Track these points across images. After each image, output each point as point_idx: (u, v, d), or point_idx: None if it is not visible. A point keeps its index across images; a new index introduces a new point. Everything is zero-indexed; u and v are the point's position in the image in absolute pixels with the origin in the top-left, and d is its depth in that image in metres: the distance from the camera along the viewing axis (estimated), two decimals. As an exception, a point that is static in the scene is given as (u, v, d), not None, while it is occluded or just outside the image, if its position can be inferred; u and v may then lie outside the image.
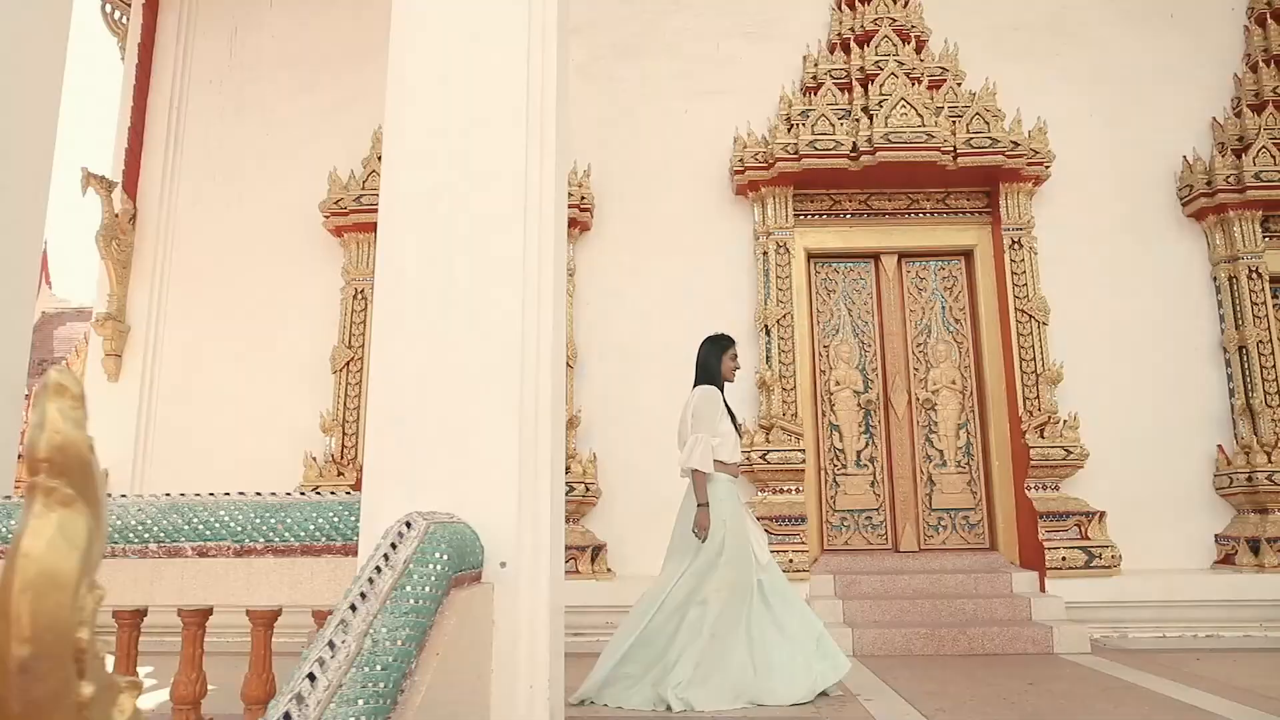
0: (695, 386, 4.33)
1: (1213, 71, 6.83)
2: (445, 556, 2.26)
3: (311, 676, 1.67)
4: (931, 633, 5.18)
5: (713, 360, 4.33)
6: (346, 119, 6.84)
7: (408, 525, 2.26)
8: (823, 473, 6.40)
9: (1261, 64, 6.60)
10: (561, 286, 3.13)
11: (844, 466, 6.43)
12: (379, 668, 1.81)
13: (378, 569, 2.06)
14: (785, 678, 3.83)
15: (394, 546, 2.16)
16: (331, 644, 1.78)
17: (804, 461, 6.04)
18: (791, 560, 5.64)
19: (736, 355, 4.47)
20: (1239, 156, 6.34)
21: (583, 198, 6.46)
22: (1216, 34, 6.90)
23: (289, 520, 2.96)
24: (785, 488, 6.02)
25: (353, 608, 1.90)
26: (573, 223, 6.50)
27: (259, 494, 3.05)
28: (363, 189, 6.45)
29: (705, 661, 3.83)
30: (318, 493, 3.09)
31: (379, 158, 5.76)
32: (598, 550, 5.94)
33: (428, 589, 2.12)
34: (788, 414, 6.13)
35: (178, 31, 7.00)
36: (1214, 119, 6.67)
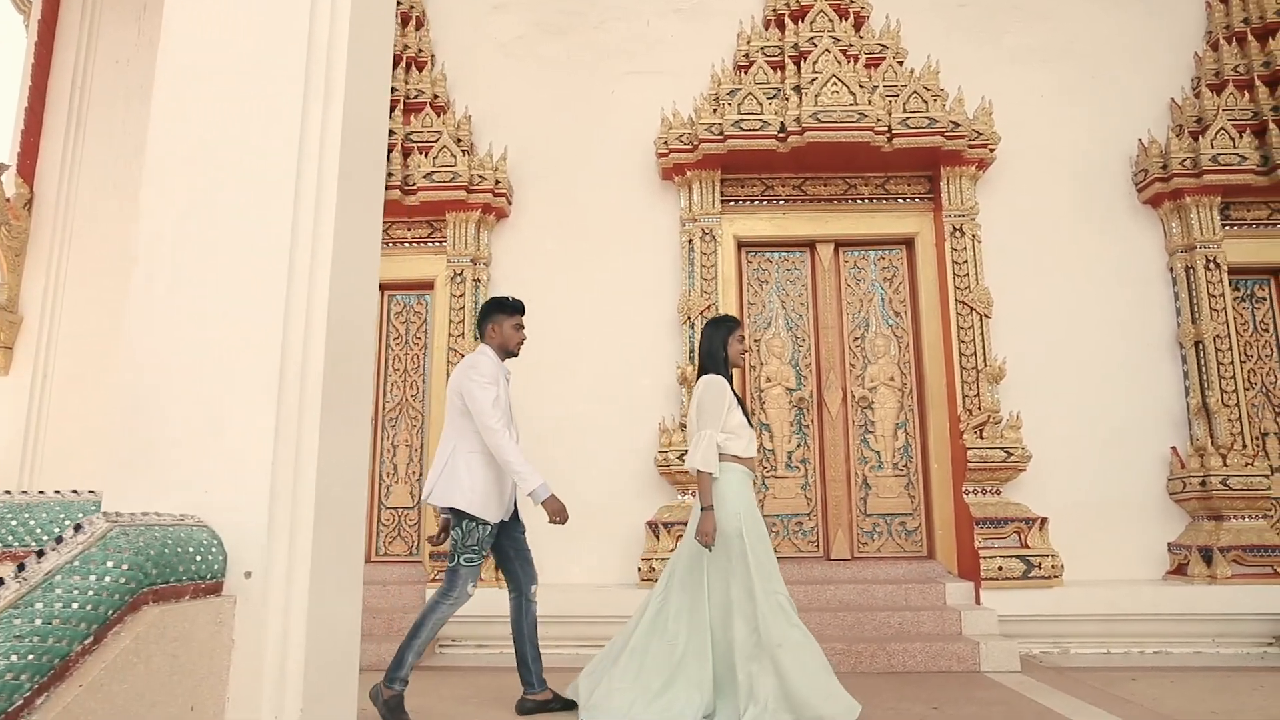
0: (700, 376, 3.84)
1: (1173, 50, 6.41)
2: (124, 566, 1.89)
3: None
4: (848, 649, 4.78)
5: (717, 345, 3.82)
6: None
7: (76, 529, 1.89)
8: (751, 475, 6.00)
9: (1223, 41, 6.17)
10: (367, 268, 2.76)
11: (774, 468, 6.04)
12: (-63, 708, 1.45)
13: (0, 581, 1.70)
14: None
15: (40, 555, 1.80)
16: None
17: (725, 462, 5.64)
18: (707, 568, 5.24)
19: (744, 337, 4.04)
20: (1196, 139, 5.92)
21: (498, 182, 6.09)
22: (1178, 10, 6.48)
23: (32, 522, 2.62)
24: (706, 490, 5.62)
25: (-70, 632, 1.55)
26: (487, 209, 6.15)
27: (8, 492, 2.72)
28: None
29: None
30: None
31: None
32: (504, 556, 5.55)
33: (75, 606, 1.76)
34: (710, 412, 5.74)
35: (83, 9, 6.65)
36: (1171, 100, 6.25)
